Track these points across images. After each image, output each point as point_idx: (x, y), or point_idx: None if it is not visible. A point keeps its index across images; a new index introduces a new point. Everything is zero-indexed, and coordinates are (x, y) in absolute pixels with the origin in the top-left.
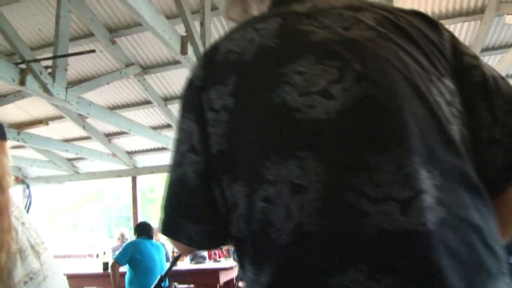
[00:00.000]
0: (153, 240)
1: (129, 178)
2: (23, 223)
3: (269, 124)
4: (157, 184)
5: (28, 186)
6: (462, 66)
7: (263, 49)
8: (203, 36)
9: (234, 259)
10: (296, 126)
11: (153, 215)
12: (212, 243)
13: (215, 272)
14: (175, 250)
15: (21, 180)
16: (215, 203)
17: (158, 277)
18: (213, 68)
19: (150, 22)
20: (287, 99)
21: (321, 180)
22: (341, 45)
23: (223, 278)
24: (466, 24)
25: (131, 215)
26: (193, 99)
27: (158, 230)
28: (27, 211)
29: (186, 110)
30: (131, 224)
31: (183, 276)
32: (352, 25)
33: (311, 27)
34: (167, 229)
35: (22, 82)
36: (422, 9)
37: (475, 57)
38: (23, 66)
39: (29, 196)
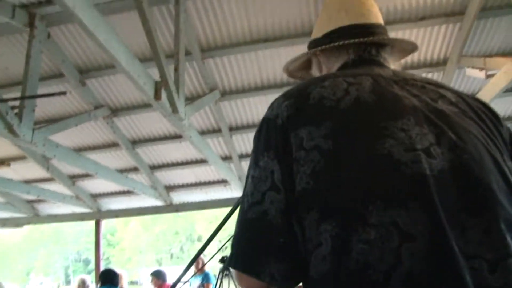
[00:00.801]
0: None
1: (90, 221)
2: None
3: (375, 172)
4: (118, 227)
5: None
6: None
7: (362, 102)
8: (176, 81)
9: None
10: (403, 177)
11: (114, 259)
12: (291, 282)
13: None
14: None
15: None
16: (296, 242)
17: None
18: (304, 109)
19: (126, 67)
20: (393, 151)
21: (429, 231)
22: (433, 114)
23: None
24: (430, 74)
25: (90, 258)
26: (275, 138)
27: (234, 266)
28: None
29: (265, 148)
30: (90, 268)
31: None
32: (438, 99)
33: (403, 93)
34: (248, 267)
35: None
36: None
37: None
38: None
39: None
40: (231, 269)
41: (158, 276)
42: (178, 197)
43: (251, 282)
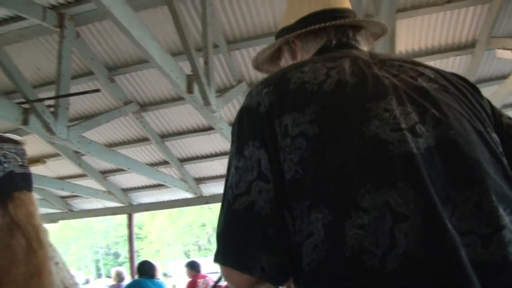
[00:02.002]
0: (155, 279)
1: (118, 216)
2: (56, 263)
3: (363, 154)
4: (146, 221)
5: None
6: (502, 124)
7: (344, 84)
8: (207, 74)
9: None
10: (391, 158)
11: (143, 252)
12: (282, 276)
13: None
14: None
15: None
16: (287, 234)
17: None
18: (286, 95)
19: (159, 62)
20: (379, 132)
21: (421, 210)
22: (414, 92)
23: None
24: (458, 58)
25: (119, 251)
26: (259, 126)
27: (221, 262)
28: None
29: (248, 137)
30: (120, 261)
31: None
32: (417, 77)
33: (382, 73)
34: (237, 261)
35: (25, 122)
36: (416, 45)
37: (510, 118)
38: (25, 105)
39: None
40: (218, 266)
41: (192, 267)
42: (208, 189)
43: (241, 277)
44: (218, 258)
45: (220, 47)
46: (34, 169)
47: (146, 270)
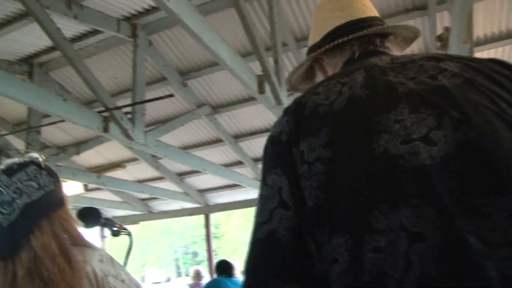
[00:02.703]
0: (233, 278)
1: (195, 216)
2: (122, 281)
3: (372, 174)
4: (221, 220)
5: (130, 234)
6: None
7: (354, 99)
8: (277, 74)
9: None
10: (402, 174)
11: (220, 251)
12: None
13: None
14: None
15: (123, 227)
16: (310, 262)
17: None
18: (301, 121)
19: (230, 65)
20: (388, 147)
21: (439, 227)
22: (432, 93)
23: None
24: None
25: (197, 250)
26: (280, 154)
27: None
28: (127, 258)
29: (271, 165)
30: (198, 260)
31: None
32: (438, 74)
33: (397, 79)
34: None
35: (105, 129)
36: (496, 28)
37: None
38: (105, 114)
39: (131, 243)
40: None
41: None
42: None
43: None
44: (245, 285)
45: (289, 45)
46: (116, 174)
47: (224, 269)
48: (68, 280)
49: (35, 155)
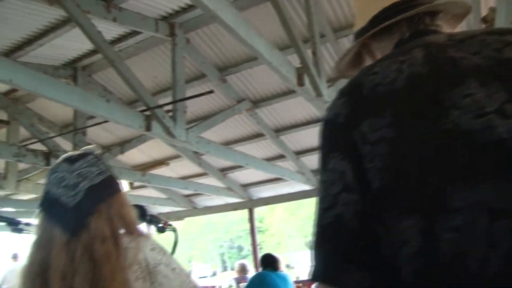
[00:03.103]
0: (279, 271)
1: (241, 210)
2: (173, 269)
3: (444, 151)
4: (265, 214)
5: (175, 229)
6: None
7: (415, 76)
8: (316, 65)
9: None
10: (478, 149)
11: (265, 244)
12: None
13: None
14: (299, 280)
15: (168, 223)
16: (378, 246)
17: None
18: (360, 102)
19: (268, 59)
20: (459, 122)
21: None
22: (500, 66)
23: None
24: None
25: (242, 245)
26: (339, 137)
27: (315, 279)
28: (173, 253)
29: (330, 149)
30: (243, 254)
31: None
32: (503, 48)
33: (460, 54)
34: (329, 278)
35: (148, 128)
36: None
37: None
38: (146, 112)
39: (176, 239)
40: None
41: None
42: None
43: None
44: (313, 275)
45: (326, 36)
46: (160, 171)
47: (269, 263)
48: (112, 264)
49: (90, 147)
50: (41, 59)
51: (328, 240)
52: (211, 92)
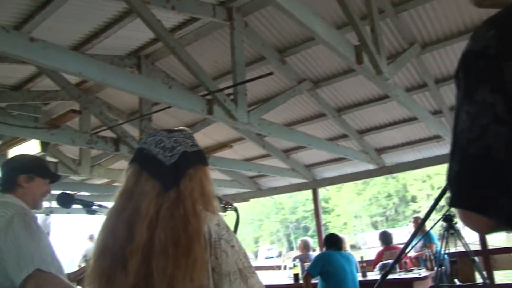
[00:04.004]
0: (343, 251)
1: (306, 191)
2: (232, 246)
3: None
4: (331, 194)
5: (236, 209)
6: None
7: None
8: (375, 42)
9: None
10: None
11: (330, 225)
12: None
13: (409, 283)
14: (363, 260)
15: (230, 203)
16: None
17: None
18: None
19: (325, 38)
20: None
21: None
22: None
23: None
24: None
25: (308, 225)
26: (489, 69)
27: (459, 205)
28: (235, 232)
29: (478, 81)
30: (309, 234)
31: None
32: None
33: None
34: (475, 203)
35: (209, 112)
36: None
37: None
38: (208, 97)
39: (238, 218)
40: (456, 210)
41: (381, 238)
42: (390, 158)
43: (479, 219)
44: (455, 202)
45: (385, 11)
46: (224, 154)
47: (333, 242)
48: (193, 224)
49: (183, 128)
50: (107, 50)
51: (475, 169)
52: (270, 74)
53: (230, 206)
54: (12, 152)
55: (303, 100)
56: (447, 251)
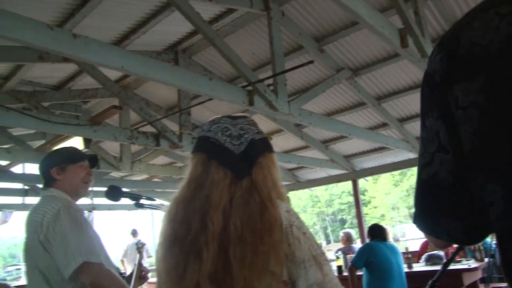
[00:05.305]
0: (387, 242)
1: (342, 183)
2: (304, 233)
3: None
4: (368, 186)
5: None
6: None
7: None
8: (419, 25)
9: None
10: None
11: (367, 217)
12: (471, 238)
13: (458, 274)
14: (408, 251)
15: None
16: (471, 200)
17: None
18: (455, 62)
19: (369, 21)
20: None
21: None
22: None
23: (467, 280)
24: None
25: (345, 218)
26: (435, 96)
27: (416, 226)
28: None
29: (427, 108)
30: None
31: (422, 277)
32: None
33: None
34: (425, 226)
35: (250, 103)
36: None
37: None
38: (248, 88)
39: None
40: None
41: None
42: None
43: (434, 240)
44: (415, 222)
45: None
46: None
47: (377, 233)
48: (270, 212)
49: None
50: (145, 46)
51: (426, 194)
52: (311, 62)
53: None
54: None
55: (341, 89)
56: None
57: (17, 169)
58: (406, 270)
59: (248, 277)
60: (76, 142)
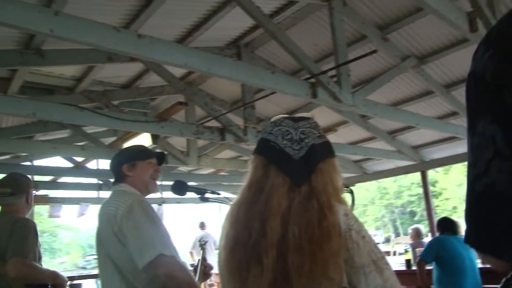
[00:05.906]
0: (458, 235)
1: (411, 175)
2: (363, 237)
3: None
4: (438, 177)
5: (352, 191)
6: None
7: None
8: (491, 7)
9: None
10: None
11: (438, 209)
12: None
13: None
14: None
15: (346, 185)
16: None
17: None
18: (509, 59)
19: (434, 6)
20: None
21: None
22: None
23: None
24: None
25: (414, 210)
26: (487, 98)
27: (471, 245)
28: None
29: (478, 111)
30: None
31: (497, 274)
32: None
33: None
34: (485, 246)
35: (314, 95)
36: None
37: None
38: (311, 80)
39: (353, 201)
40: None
41: None
42: None
43: (494, 261)
44: (469, 240)
45: None
46: (328, 138)
47: (448, 226)
48: (329, 219)
49: (309, 114)
50: (207, 42)
51: (481, 208)
52: (375, 51)
53: (345, 188)
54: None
55: (407, 78)
56: None
57: (92, 164)
58: (479, 266)
59: (307, 285)
60: (145, 138)
